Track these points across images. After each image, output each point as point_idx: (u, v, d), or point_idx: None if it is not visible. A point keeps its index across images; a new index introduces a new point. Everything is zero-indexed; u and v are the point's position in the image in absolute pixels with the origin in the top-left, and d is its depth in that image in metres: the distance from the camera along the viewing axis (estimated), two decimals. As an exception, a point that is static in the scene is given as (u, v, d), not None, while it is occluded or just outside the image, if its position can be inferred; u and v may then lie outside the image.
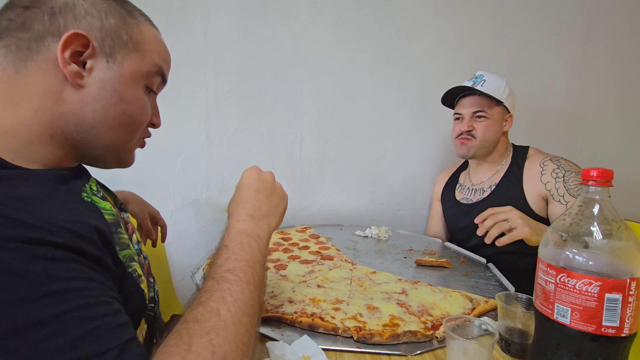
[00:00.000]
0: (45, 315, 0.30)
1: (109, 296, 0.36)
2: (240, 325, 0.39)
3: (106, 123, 0.47)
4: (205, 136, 1.35)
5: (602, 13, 1.50)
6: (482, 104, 1.08)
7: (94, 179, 0.55)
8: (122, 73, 0.47)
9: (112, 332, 0.33)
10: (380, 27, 1.41)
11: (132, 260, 0.48)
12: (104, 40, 0.46)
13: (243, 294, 0.42)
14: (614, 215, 0.46)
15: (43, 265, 0.31)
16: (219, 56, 1.33)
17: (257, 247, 0.49)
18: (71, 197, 0.44)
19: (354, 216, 1.49)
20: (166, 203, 1.34)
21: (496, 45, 1.47)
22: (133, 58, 0.48)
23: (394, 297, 0.72)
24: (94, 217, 0.42)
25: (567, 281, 0.46)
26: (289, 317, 0.63)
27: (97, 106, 0.46)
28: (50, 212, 0.36)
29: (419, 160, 1.50)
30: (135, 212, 0.81)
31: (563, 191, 0.97)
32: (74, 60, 0.44)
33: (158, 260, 1.13)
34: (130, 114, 0.49)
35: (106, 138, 0.48)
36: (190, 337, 0.36)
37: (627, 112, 1.57)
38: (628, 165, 1.59)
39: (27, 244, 0.31)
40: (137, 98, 0.50)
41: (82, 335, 0.31)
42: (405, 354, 0.56)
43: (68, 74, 0.43)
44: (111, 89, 0.46)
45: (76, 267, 0.34)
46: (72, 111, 0.45)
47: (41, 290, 0.30)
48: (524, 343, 0.56)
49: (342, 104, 1.43)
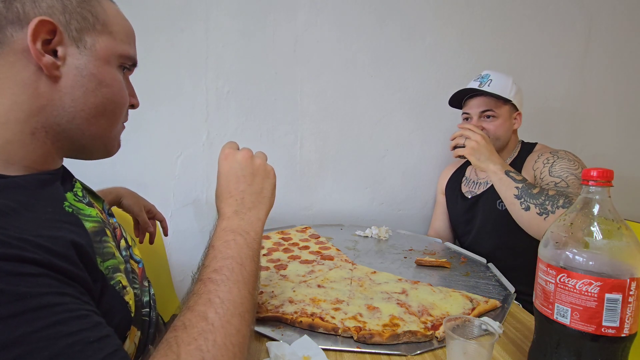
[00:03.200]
0: (16, 335, 0.28)
1: (85, 309, 0.34)
2: (229, 326, 0.38)
3: (88, 111, 0.45)
4: (206, 136, 1.36)
5: (603, 13, 1.50)
6: (490, 104, 1.08)
7: (80, 183, 0.53)
8: (96, 56, 0.45)
9: (89, 347, 0.31)
10: (380, 27, 1.41)
11: (117, 271, 0.46)
12: (70, 24, 0.43)
13: (231, 293, 0.41)
14: (614, 215, 0.46)
15: (12, 281, 0.29)
16: (219, 56, 1.33)
17: (244, 242, 0.48)
18: (50, 206, 0.41)
19: (354, 216, 1.49)
20: (166, 203, 1.34)
21: (496, 45, 1.46)
22: (104, 40, 0.46)
23: (394, 297, 0.72)
24: (72, 230, 0.40)
25: (567, 281, 0.46)
26: (289, 317, 0.63)
27: (76, 94, 0.44)
28: (22, 226, 0.34)
29: (419, 160, 1.50)
30: (130, 206, 0.80)
31: (545, 174, 0.98)
32: (45, 49, 0.41)
33: (158, 260, 1.14)
34: (111, 97, 0.47)
35: (90, 127, 0.46)
36: (179, 345, 0.35)
37: (627, 112, 1.57)
38: (628, 165, 1.59)
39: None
40: (116, 80, 0.47)
41: (56, 354, 0.29)
42: (405, 354, 0.56)
43: (44, 66, 0.41)
44: (88, 75, 0.44)
45: (48, 282, 0.32)
46: (50, 103, 0.42)
47: (11, 309, 0.29)
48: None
49: (343, 104, 1.43)
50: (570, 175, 0.93)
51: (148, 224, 0.83)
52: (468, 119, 1.14)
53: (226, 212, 0.51)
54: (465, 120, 1.16)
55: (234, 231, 0.49)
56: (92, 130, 0.47)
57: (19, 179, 0.40)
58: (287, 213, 1.43)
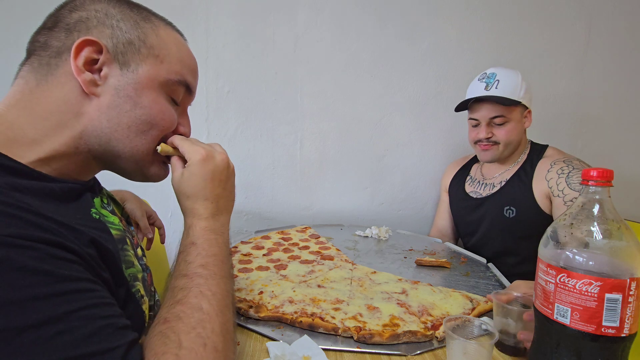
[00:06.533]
0: (57, 313, 0.31)
1: (111, 298, 0.37)
2: (222, 316, 0.41)
3: (121, 132, 0.46)
4: (206, 136, 1.36)
5: (603, 13, 1.50)
6: (500, 109, 1.01)
7: (105, 191, 0.55)
8: (137, 79, 0.46)
9: (119, 331, 0.34)
10: (380, 27, 1.41)
11: (136, 280, 0.48)
12: (117, 47, 0.45)
13: (219, 287, 0.44)
14: (614, 215, 0.46)
15: (55, 264, 0.32)
16: (219, 56, 1.33)
17: (222, 241, 0.50)
18: (79, 213, 0.44)
19: (354, 216, 1.49)
20: (166, 203, 1.34)
21: (496, 45, 1.46)
22: (149, 64, 0.47)
23: (394, 297, 0.72)
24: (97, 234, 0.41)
25: (567, 281, 0.45)
26: (289, 317, 0.63)
27: (111, 114, 0.45)
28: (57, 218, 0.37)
29: (419, 160, 1.50)
30: (133, 210, 0.81)
31: (563, 186, 0.94)
32: (89, 68, 0.44)
33: (158, 260, 1.13)
34: (147, 119, 0.47)
35: (124, 148, 0.47)
36: (177, 334, 0.37)
37: (627, 112, 1.57)
38: (628, 165, 1.59)
39: (39, 243, 0.32)
40: (156, 103, 0.48)
41: (91, 333, 0.32)
42: (405, 354, 0.56)
43: (82, 81, 0.43)
44: (125, 96, 0.46)
45: (82, 270, 0.35)
46: (91, 123, 0.45)
47: (53, 289, 0.31)
48: (518, 340, 0.56)
49: (343, 104, 1.43)
50: None
51: (148, 230, 0.84)
52: (476, 125, 1.07)
53: (202, 214, 0.51)
54: (474, 127, 1.09)
55: (214, 231, 0.51)
56: (126, 151, 0.48)
57: (56, 184, 0.43)
58: (287, 213, 1.43)
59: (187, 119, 0.56)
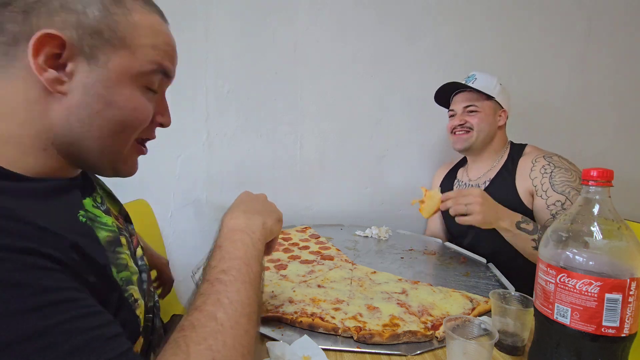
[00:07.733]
0: (39, 327, 0.28)
1: (99, 306, 0.34)
2: (238, 327, 0.38)
3: (93, 133, 0.42)
4: (206, 136, 1.36)
5: (603, 13, 1.50)
6: (473, 98, 1.13)
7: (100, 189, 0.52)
8: (108, 75, 0.41)
9: (108, 343, 0.32)
10: (380, 27, 1.41)
11: (129, 284, 0.46)
12: (83, 39, 0.39)
13: (239, 294, 0.41)
14: (614, 215, 0.46)
15: (33, 275, 0.30)
16: (220, 56, 1.33)
17: (250, 241, 0.48)
18: (64, 215, 0.41)
19: (354, 216, 1.49)
20: (166, 203, 1.34)
21: (496, 45, 1.46)
22: (120, 56, 0.42)
23: (394, 297, 0.72)
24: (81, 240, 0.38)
25: (567, 281, 0.46)
26: (289, 317, 0.63)
27: (82, 115, 0.41)
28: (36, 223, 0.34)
29: (419, 160, 1.50)
30: None
31: (547, 186, 0.97)
32: (52, 64, 0.39)
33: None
34: (121, 119, 0.43)
35: (96, 148, 0.44)
36: (188, 345, 0.35)
37: (627, 112, 1.57)
38: (628, 165, 1.59)
39: (15, 253, 0.30)
40: (130, 101, 0.44)
41: (77, 347, 0.30)
42: (405, 354, 0.56)
43: (45, 81, 0.38)
44: (95, 95, 0.41)
45: (65, 278, 0.32)
46: (59, 122, 0.41)
47: (33, 302, 0.29)
48: (516, 340, 0.56)
49: (343, 104, 1.43)
50: (573, 190, 0.93)
51: None
52: (453, 115, 1.17)
53: (234, 213, 0.52)
54: (451, 117, 1.18)
55: (242, 230, 0.49)
56: (99, 152, 0.44)
57: (36, 184, 0.40)
58: (287, 213, 1.41)
59: (165, 106, 0.51)
